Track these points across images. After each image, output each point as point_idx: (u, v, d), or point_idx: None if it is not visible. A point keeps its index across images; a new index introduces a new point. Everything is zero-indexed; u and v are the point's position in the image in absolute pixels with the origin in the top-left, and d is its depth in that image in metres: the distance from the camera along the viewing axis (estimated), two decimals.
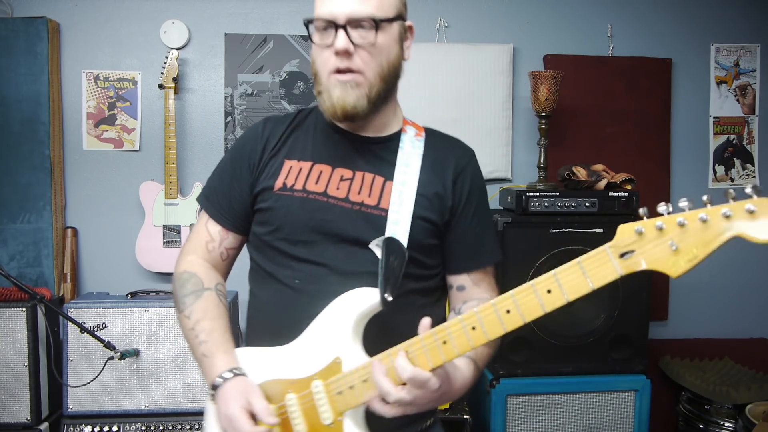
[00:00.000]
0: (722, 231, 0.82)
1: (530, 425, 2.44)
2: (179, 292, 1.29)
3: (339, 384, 1.10)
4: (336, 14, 1.14)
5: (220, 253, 1.32)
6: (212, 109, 2.84)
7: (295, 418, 1.14)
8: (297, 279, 1.20)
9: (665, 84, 2.96)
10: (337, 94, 1.16)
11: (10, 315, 2.28)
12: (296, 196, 1.21)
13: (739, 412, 2.47)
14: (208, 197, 1.33)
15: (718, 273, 3.05)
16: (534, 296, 0.96)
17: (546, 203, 2.43)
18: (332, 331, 1.13)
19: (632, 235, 0.88)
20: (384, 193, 1.21)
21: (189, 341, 1.25)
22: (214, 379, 1.18)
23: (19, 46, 2.66)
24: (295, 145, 1.27)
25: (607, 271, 0.90)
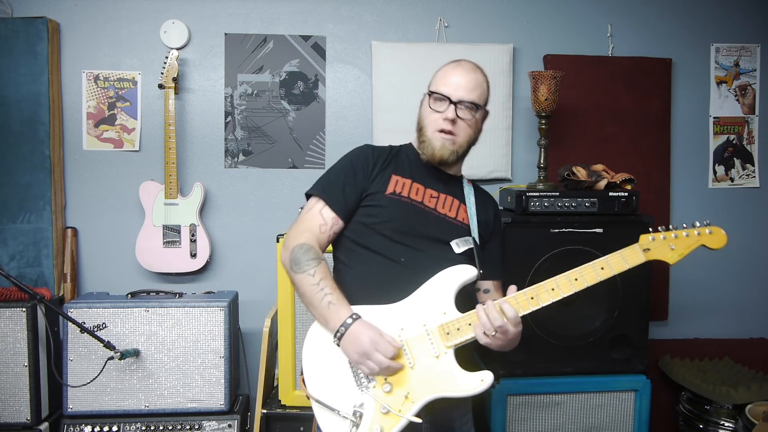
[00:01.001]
0: (695, 242, 1.57)
1: (530, 425, 2.44)
2: (303, 257, 1.58)
3: (448, 327, 1.54)
4: (451, 95, 1.66)
5: (328, 236, 1.66)
6: (212, 109, 2.84)
7: (406, 354, 1.53)
8: (403, 257, 1.61)
9: (665, 84, 2.96)
10: (438, 147, 1.68)
11: (10, 315, 2.28)
12: (403, 201, 1.67)
13: (739, 412, 2.47)
14: (326, 190, 1.68)
15: (718, 273, 3.05)
16: (592, 270, 1.57)
17: (546, 203, 2.43)
18: (439, 292, 1.57)
19: (648, 240, 1.58)
20: (459, 211, 1.73)
21: (311, 294, 1.56)
22: (344, 320, 1.51)
23: (19, 46, 2.66)
24: (398, 165, 1.73)
25: (637, 257, 1.57)
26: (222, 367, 2.38)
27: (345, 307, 1.54)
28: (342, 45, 2.88)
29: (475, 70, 1.72)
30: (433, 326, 1.54)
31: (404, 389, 1.51)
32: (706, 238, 1.56)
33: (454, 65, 1.72)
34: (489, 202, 1.85)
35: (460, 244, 1.67)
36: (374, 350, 1.47)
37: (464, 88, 1.67)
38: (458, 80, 1.67)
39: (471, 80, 1.69)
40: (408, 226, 1.64)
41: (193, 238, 2.74)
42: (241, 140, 2.85)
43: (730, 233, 3.27)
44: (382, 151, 1.76)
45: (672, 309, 3.04)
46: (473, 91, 1.68)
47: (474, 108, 1.68)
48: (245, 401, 2.61)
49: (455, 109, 1.65)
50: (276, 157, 2.86)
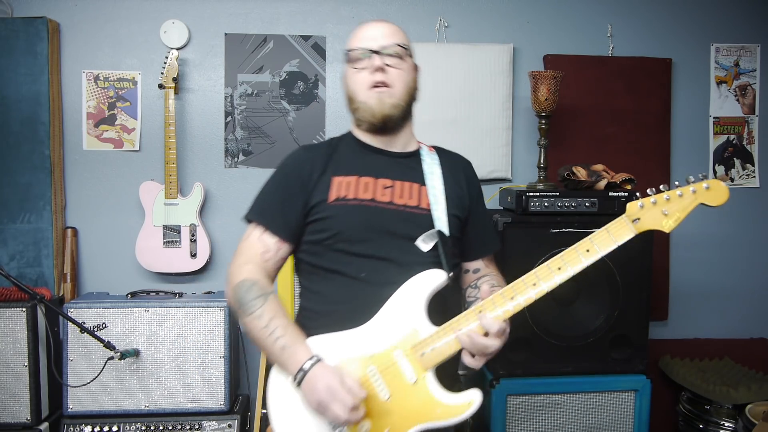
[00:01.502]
0: (692, 201, 1.31)
1: (530, 425, 2.44)
2: (245, 297, 1.41)
3: (421, 347, 1.35)
4: (370, 46, 1.47)
5: (275, 262, 1.49)
6: (212, 109, 2.84)
7: (379, 386, 1.35)
8: (363, 272, 1.42)
9: (665, 84, 2.96)
10: (375, 104, 1.47)
11: (10, 315, 2.28)
12: (350, 204, 1.45)
13: (739, 412, 2.47)
14: (262, 213, 1.51)
15: (718, 273, 3.05)
16: (576, 254, 1.34)
17: (546, 203, 2.43)
18: (406, 307, 1.38)
19: (637, 209, 1.32)
20: (422, 196, 1.49)
21: (261, 339, 1.39)
22: (300, 366, 1.33)
23: (19, 46, 2.66)
24: (338, 164, 1.51)
25: (626, 231, 1.32)
26: (222, 367, 2.38)
27: (301, 348, 1.35)
28: (342, 45, 2.88)
29: (387, 21, 1.55)
30: (406, 348, 1.35)
31: (384, 426, 1.33)
32: (703, 195, 1.30)
33: (364, 23, 1.54)
34: (459, 167, 1.61)
35: (426, 240, 1.45)
36: (332, 400, 1.27)
37: (382, 36, 1.48)
38: (372, 32, 1.50)
39: (386, 28, 1.51)
40: (362, 233, 1.43)
41: (193, 238, 2.74)
42: (241, 140, 2.85)
43: (730, 233, 3.27)
44: (318, 150, 1.56)
45: (672, 309, 3.04)
46: (393, 36, 1.49)
47: (400, 52, 1.49)
48: (245, 401, 2.61)
49: (380, 57, 1.46)
50: (276, 157, 2.86)
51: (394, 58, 1.48)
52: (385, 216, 1.45)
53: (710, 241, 3.02)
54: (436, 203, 1.48)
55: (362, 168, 1.50)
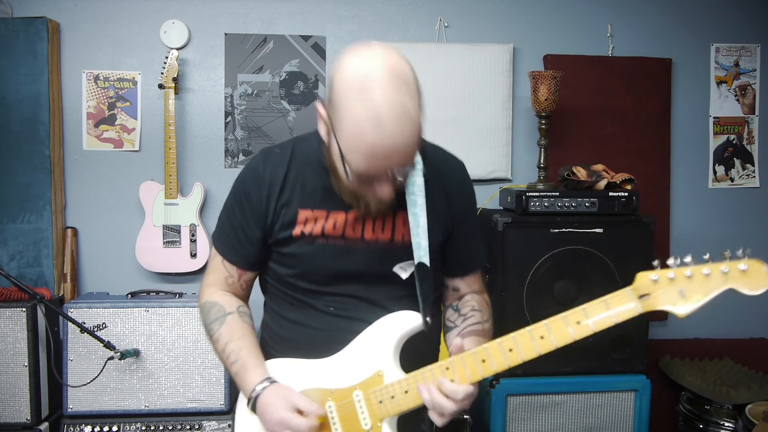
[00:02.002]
0: (720, 284, 1.04)
1: (530, 425, 2.44)
2: (206, 320, 1.39)
3: (381, 394, 1.23)
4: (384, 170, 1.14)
5: (239, 285, 1.41)
6: (212, 109, 2.84)
7: (334, 424, 1.26)
8: (331, 307, 1.31)
9: (665, 84, 2.96)
10: (375, 208, 1.23)
11: (10, 315, 2.28)
12: (318, 244, 1.29)
13: (739, 412, 2.47)
14: (220, 239, 1.40)
15: None
16: (564, 325, 1.13)
17: (546, 203, 2.43)
18: (375, 347, 1.26)
19: (649, 282, 1.07)
20: (396, 225, 1.30)
21: (222, 361, 1.36)
22: (251, 391, 1.27)
23: (19, 46, 2.66)
24: (304, 192, 1.30)
25: (628, 309, 1.09)
26: (222, 367, 2.37)
27: (252, 371, 1.28)
28: (342, 45, 2.88)
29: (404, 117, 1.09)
30: (366, 391, 1.24)
31: None
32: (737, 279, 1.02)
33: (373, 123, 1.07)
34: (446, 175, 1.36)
35: (406, 268, 1.29)
36: (284, 429, 1.21)
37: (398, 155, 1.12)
38: (388, 147, 1.09)
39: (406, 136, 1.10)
40: (329, 276, 1.30)
41: (193, 238, 2.74)
42: (241, 140, 2.85)
43: (730, 233, 3.26)
44: (279, 164, 1.32)
45: None
46: (409, 151, 1.14)
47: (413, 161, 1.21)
48: None
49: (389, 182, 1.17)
50: None
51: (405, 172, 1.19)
52: (355, 256, 1.29)
53: (710, 241, 3.02)
54: (416, 228, 1.26)
55: (331, 200, 1.28)
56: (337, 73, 1.14)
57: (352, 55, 1.14)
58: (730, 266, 1.03)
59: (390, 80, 1.09)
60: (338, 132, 1.12)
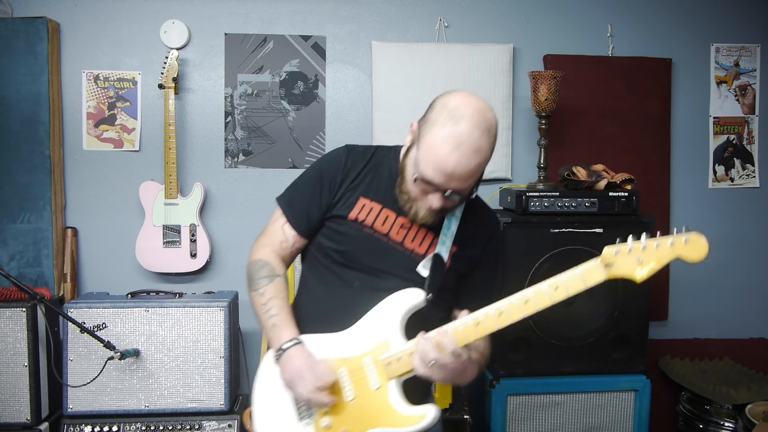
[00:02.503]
0: (669, 253, 1.29)
1: (530, 425, 2.44)
2: (255, 275, 1.54)
3: (389, 357, 1.43)
4: (443, 186, 1.37)
5: (290, 252, 1.59)
6: (212, 109, 2.84)
7: (346, 387, 1.45)
8: (357, 281, 1.50)
9: (665, 84, 2.96)
10: (420, 214, 1.45)
11: (10, 315, 2.28)
12: (365, 232, 1.51)
13: (739, 412, 2.47)
14: (291, 206, 1.58)
15: (718, 273, 3.05)
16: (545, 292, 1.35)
17: (546, 203, 2.43)
18: (384, 319, 1.46)
19: (612, 254, 1.31)
20: (432, 246, 1.51)
21: (259, 314, 1.53)
22: (282, 344, 1.45)
23: (19, 46, 2.66)
24: (371, 185, 1.54)
25: (596, 275, 1.34)
26: (222, 367, 2.38)
27: (288, 330, 1.47)
28: (342, 45, 2.88)
29: (477, 152, 1.34)
30: (376, 357, 1.44)
31: (344, 424, 1.44)
32: (681, 249, 1.28)
33: (452, 145, 1.32)
34: (483, 226, 1.60)
35: (426, 266, 1.49)
36: (299, 378, 1.41)
37: (459, 179, 1.36)
38: (453, 169, 1.34)
39: (471, 168, 1.34)
40: (366, 259, 1.50)
41: (193, 238, 2.74)
42: (241, 140, 2.85)
43: (730, 233, 3.26)
44: (360, 159, 1.56)
45: (672, 309, 3.04)
46: (471, 178, 1.38)
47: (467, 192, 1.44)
48: (245, 401, 2.61)
49: (442, 197, 1.40)
50: (276, 157, 2.86)
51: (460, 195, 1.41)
52: (390, 254, 1.50)
53: (710, 241, 3.01)
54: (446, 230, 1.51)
55: (391, 199, 1.51)
56: (440, 99, 1.41)
57: (459, 93, 1.41)
58: (675, 239, 1.28)
59: (478, 121, 1.34)
60: (422, 141, 1.38)
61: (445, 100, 1.39)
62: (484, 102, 1.39)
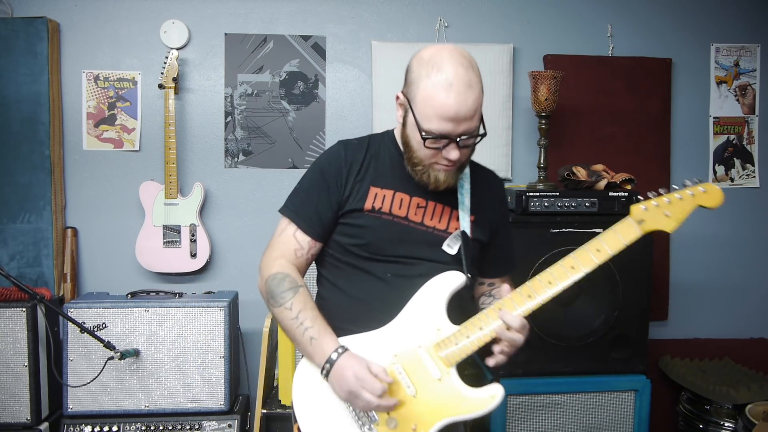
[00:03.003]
0: (691, 203, 1.39)
1: (530, 425, 2.44)
2: (277, 290, 1.46)
3: (445, 344, 1.39)
4: (451, 133, 1.35)
5: (306, 259, 1.53)
6: (212, 109, 2.84)
7: (405, 383, 1.39)
8: (389, 272, 1.46)
9: (665, 84, 2.96)
10: (442, 178, 1.43)
11: (10, 315, 2.28)
12: (384, 219, 1.47)
13: (739, 412, 2.47)
14: (298, 212, 1.51)
15: (718, 273, 3.05)
16: (588, 253, 1.42)
17: (546, 203, 2.43)
18: (428, 307, 1.43)
19: (641, 211, 1.40)
20: (451, 221, 1.51)
21: (291, 329, 1.45)
22: (328, 356, 1.38)
23: (19, 46, 2.66)
24: (377, 173, 1.51)
25: (632, 232, 1.40)
26: (222, 367, 2.38)
27: (329, 340, 1.40)
28: (342, 45, 2.88)
29: (470, 87, 1.34)
30: (429, 346, 1.40)
31: (411, 421, 1.38)
32: (701, 198, 1.38)
33: (445, 88, 1.32)
34: (491, 189, 1.60)
35: (452, 245, 1.48)
36: (361, 388, 1.32)
37: (465, 119, 1.34)
38: (456, 110, 1.33)
39: (470, 103, 1.34)
40: (390, 246, 1.47)
41: (193, 238, 2.74)
42: (241, 140, 2.85)
43: (730, 233, 3.27)
44: (358, 150, 1.53)
45: (672, 309, 3.04)
46: (475, 117, 1.36)
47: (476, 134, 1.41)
48: (245, 401, 2.61)
49: (456, 146, 1.37)
50: (276, 157, 2.86)
51: (471, 138, 1.39)
52: (413, 236, 1.47)
53: (710, 241, 3.02)
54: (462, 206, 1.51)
55: (400, 183, 1.49)
56: (413, 60, 1.40)
57: (427, 46, 1.41)
58: (694, 190, 1.39)
59: (458, 60, 1.35)
60: (414, 103, 1.37)
61: (418, 56, 1.40)
62: (453, 45, 1.41)
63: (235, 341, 2.53)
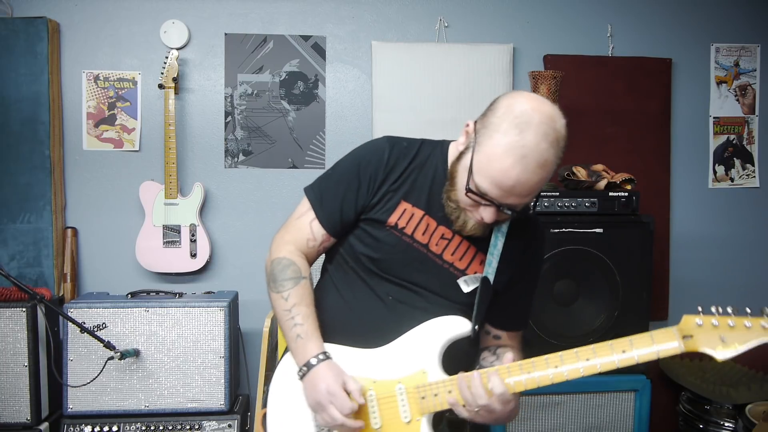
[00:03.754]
0: (759, 335, 1.16)
1: (530, 425, 2.44)
2: (279, 275, 1.40)
3: (425, 390, 1.30)
4: (499, 200, 1.23)
5: (317, 251, 1.46)
6: (212, 109, 2.84)
7: (373, 413, 1.32)
8: (391, 295, 1.38)
9: (665, 84, 2.96)
10: (469, 225, 1.32)
11: (10, 315, 2.28)
12: (404, 240, 1.37)
13: (739, 412, 2.47)
14: (321, 202, 1.42)
15: (718, 273, 3.05)
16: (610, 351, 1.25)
17: (546, 203, 2.43)
18: (422, 346, 1.33)
19: (693, 325, 1.18)
20: (473, 262, 1.39)
21: (282, 320, 1.39)
22: (308, 360, 1.32)
23: (19, 46, 2.66)
24: (413, 187, 1.39)
25: (672, 347, 1.18)
26: (222, 367, 2.38)
27: (313, 343, 1.34)
28: (342, 45, 2.88)
29: (542, 167, 1.21)
30: (410, 387, 1.31)
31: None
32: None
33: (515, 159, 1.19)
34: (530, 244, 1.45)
35: (469, 283, 1.37)
36: (329, 404, 1.27)
37: (518, 195, 1.23)
38: (514, 185, 1.21)
39: (533, 183, 1.22)
40: (401, 269, 1.37)
41: (193, 238, 2.74)
42: (241, 140, 2.85)
43: (730, 233, 3.26)
44: (404, 155, 1.40)
45: (672, 309, 3.04)
46: (528, 195, 1.25)
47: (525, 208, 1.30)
48: (245, 401, 2.61)
49: (496, 211, 1.26)
50: (276, 157, 2.86)
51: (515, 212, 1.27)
52: (428, 266, 1.37)
53: (710, 241, 3.02)
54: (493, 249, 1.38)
55: (433, 205, 1.37)
56: (504, 100, 1.26)
57: (527, 95, 1.27)
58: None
59: (546, 132, 1.22)
60: (479, 148, 1.23)
61: (510, 101, 1.24)
62: (554, 108, 1.26)
63: (235, 341, 2.53)
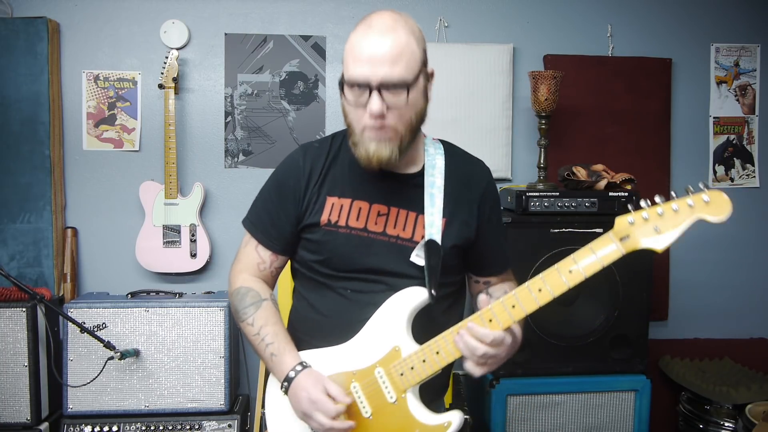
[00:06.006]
0: (689, 216, 1.13)
1: (530, 425, 2.44)
2: (239, 305, 1.45)
3: (401, 366, 1.32)
4: (370, 78, 1.22)
5: (270, 272, 1.49)
6: (212, 109, 2.84)
7: (361, 403, 1.34)
8: (349, 289, 1.39)
9: (665, 84, 2.96)
10: (373, 149, 1.27)
11: (10, 315, 2.28)
12: (341, 233, 1.37)
13: (739, 412, 2.47)
14: (256, 225, 1.47)
15: (718, 273, 3.05)
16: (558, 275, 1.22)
17: (546, 203, 2.43)
18: (388, 325, 1.34)
19: (626, 225, 1.16)
20: (417, 227, 1.37)
21: (254, 344, 1.42)
22: (287, 373, 1.34)
23: (19, 46, 2.66)
24: (334, 181, 1.40)
25: (611, 251, 1.19)
26: (222, 367, 2.38)
27: (288, 357, 1.36)
28: (342, 45, 2.85)
29: (392, 29, 1.22)
30: (386, 366, 1.33)
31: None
32: (702, 209, 1.11)
33: (363, 30, 1.24)
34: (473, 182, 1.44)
35: (421, 255, 1.35)
36: (314, 410, 1.28)
37: (384, 61, 1.21)
38: (373, 51, 1.21)
39: (390, 46, 1.21)
40: (349, 262, 1.37)
41: (193, 238, 2.74)
42: (241, 140, 2.85)
43: (730, 233, 3.26)
44: (318, 156, 1.42)
45: (672, 309, 3.04)
46: (397, 63, 1.21)
47: (404, 87, 1.23)
48: (245, 401, 2.61)
49: (380, 97, 1.22)
50: (276, 157, 2.86)
51: (398, 93, 1.24)
52: (375, 248, 1.37)
53: (710, 241, 3.02)
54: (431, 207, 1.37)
55: (357, 189, 1.39)
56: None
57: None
58: (695, 199, 1.13)
59: (389, 14, 1.26)
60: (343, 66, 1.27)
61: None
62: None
63: (235, 341, 2.53)
